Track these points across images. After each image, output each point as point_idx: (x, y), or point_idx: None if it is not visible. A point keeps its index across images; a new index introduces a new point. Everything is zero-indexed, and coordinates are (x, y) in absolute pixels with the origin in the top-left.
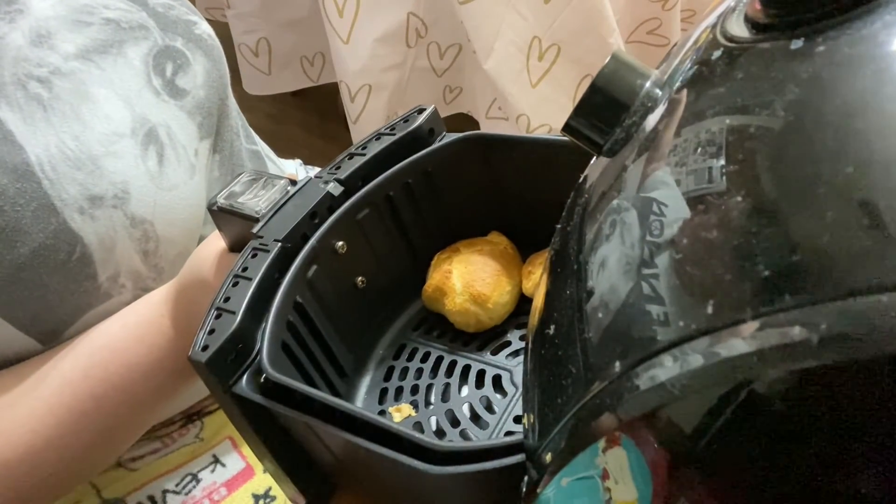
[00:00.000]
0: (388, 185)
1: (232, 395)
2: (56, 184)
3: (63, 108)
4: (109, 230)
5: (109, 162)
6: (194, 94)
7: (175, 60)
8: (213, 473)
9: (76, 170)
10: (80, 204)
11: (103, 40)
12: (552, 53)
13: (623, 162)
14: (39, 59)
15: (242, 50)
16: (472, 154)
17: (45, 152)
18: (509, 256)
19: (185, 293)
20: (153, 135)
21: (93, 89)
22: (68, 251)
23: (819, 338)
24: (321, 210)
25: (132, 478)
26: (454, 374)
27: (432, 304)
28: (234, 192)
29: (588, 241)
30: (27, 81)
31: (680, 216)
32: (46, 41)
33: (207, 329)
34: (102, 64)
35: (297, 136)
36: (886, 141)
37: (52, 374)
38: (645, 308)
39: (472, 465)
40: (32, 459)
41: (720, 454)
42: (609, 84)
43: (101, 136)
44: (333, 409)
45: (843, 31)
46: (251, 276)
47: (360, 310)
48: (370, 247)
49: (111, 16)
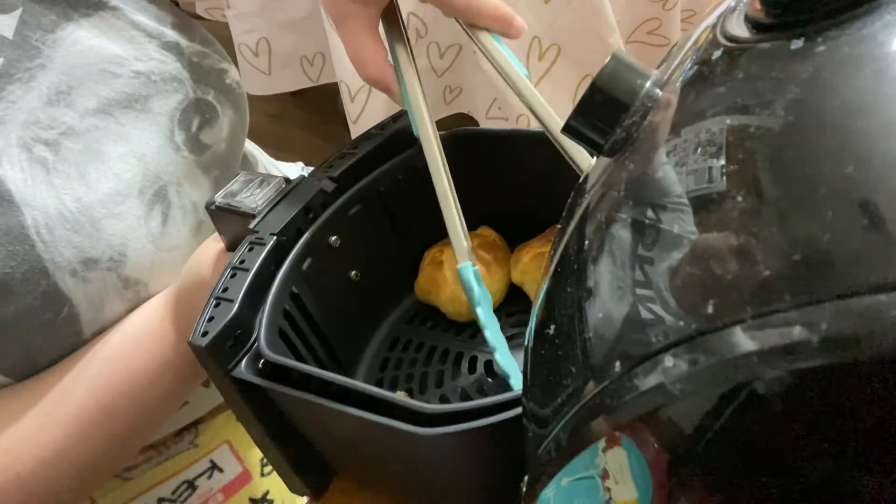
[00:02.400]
0: (378, 182)
1: (231, 379)
2: (51, 246)
3: (68, 169)
4: (101, 292)
5: (110, 224)
6: (216, 148)
7: (204, 114)
8: (209, 480)
9: (73, 233)
10: (74, 266)
11: (129, 94)
12: (552, 53)
13: (623, 162)
14: (52, 119)
15: (242, 50)
16: (459, 150)
17: (43, 215)
18: (498, 248)
19: (186, 295)
20: (162, 194)
21: (106, 147)
22: (56, 311)
23: (819, 338)
24: (315, 206)
25: (127, 487)
26: (448, 361)
27: (425, 296)
28: (231, 192)
29: (588, 240)
30: (34, 145)
31: (680, 216)
32: (65, 97)
33: (207, 317)
34: (122, 119)
35: (297, 136)
36: (886, 141)
37: (55, 390)
38: (645, 308)
39: (461, 425)
40: (44, 472)
41: (720, 454)
42: (609, 84)
43: (105, 197)
44: (329, 384)
45: (843, 31)
46: (248, 267)
47: (355, 302)
48: (363, 241)
49: (142, 68)
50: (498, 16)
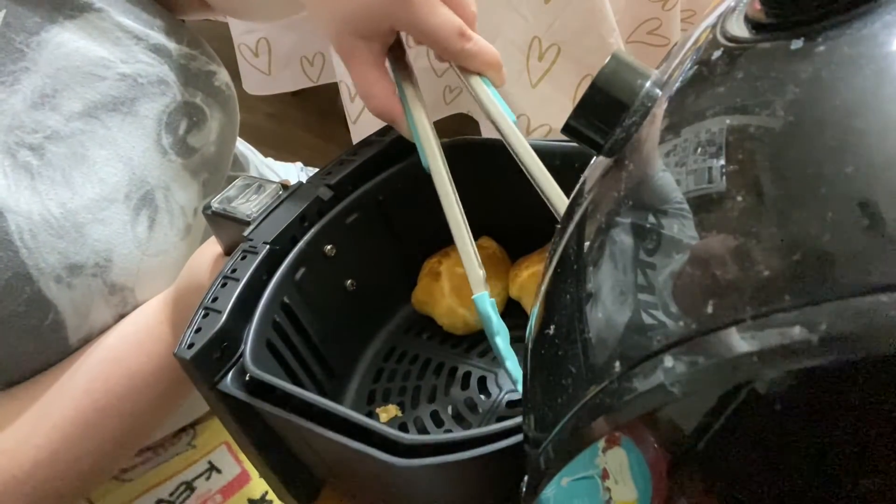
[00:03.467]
0: (377, 191)
1: (217, 392)
2: (35, 252)
3: (53, 174)
4: (86, 298)
5: (95, 229)
6: (204, 151)
7: (191, 117)
8: (208, 481)
9: (58, 238)
10: (58, 273)
11: (114, 97)
12: (552, 53)
13: (623, 162)
14: (36, 123)
15: (242, 50)
16: (459, 160)
17: (27, 220)
18: (498, 260)
19: (183, 299)
20: (149, 198)
21: (91, 151)
22: (40, 317)
23: (819, 338)
24: (311, 214)
25: (125, 489)
26: (441, 375)
27: (422, 308)
28: (228, 197)
29: (588, 241)
30: (17, 150)
31: (679, 216)
32: (50, 100)
33: (194, 328)
34: (108, 123)
35: (297, 136)
36: (886, 141)
37: (51, 392)
38: (645, 308)
39: (438, 458)
40: (40, 474)
41: (720, 454)
42: (609, 84)
43: (90, 202)
44: (311, 405)
45: (843, 31)
46: (239, 276)
47: (349, 312)
48: (359, 251)
49: (128, 71)
50: (491, 61)
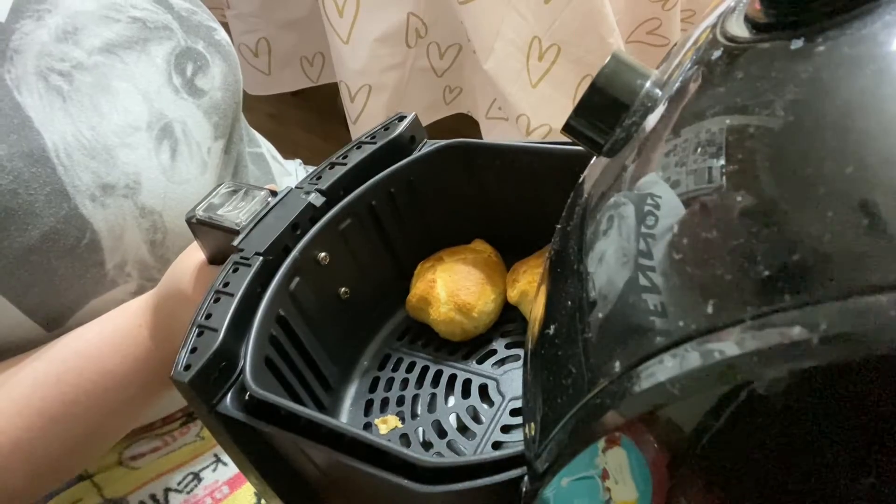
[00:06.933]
0: (370, 195)
1: (217, 415)
2: (70, 170)
3: (82, 99)
4: (119, 218)
5: (123, 153)
6: (212, 94)
7: (195, 62)
8: (214, 472)
9: (90, 158)
10: (93, 191)
11: (129, 37)
12: (552, 53)
13: (623, 162)
14: (63, 53)
15: (242, 50)
16: (454, 162)
17: (62, 140)
18: (493, 264)
19: (164, 305)
20: (168, 130)
21: (114, 83)
22: (77, 236)
23: (819, 338)
24: (303, 221)
25: (134, 476)
26: (440, 384)
27: (417, 314)
28: (212, 205)
29: (588, 241)
30: (49, 74)
31: (680, 216)
32: (72, 36)
33: (189, 347)
34: (126, 59)
35: (297, 136)
36: (886, 141)
37: (24, 374)
38: (645, 308)
39: (461, 484)
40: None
41: (720, 454)
42: (609, 84)
43: (117, 128)
44: (319, 426)
45: (843, 31)
46: (233, 291)
47: (343, 321)
48: (353, 257)
49: (138, 14)
50: None
